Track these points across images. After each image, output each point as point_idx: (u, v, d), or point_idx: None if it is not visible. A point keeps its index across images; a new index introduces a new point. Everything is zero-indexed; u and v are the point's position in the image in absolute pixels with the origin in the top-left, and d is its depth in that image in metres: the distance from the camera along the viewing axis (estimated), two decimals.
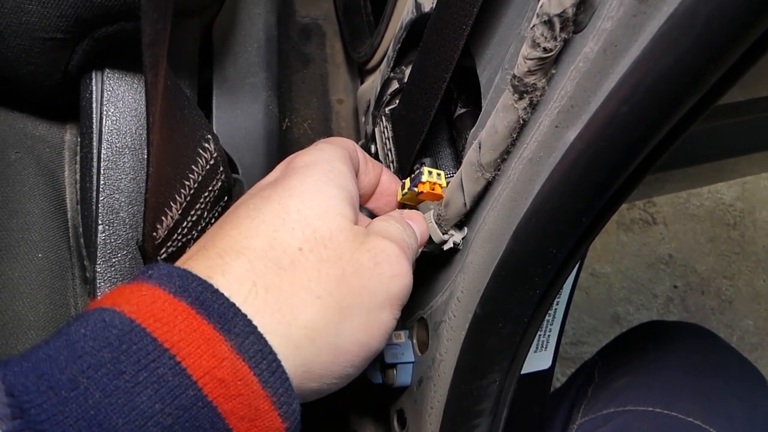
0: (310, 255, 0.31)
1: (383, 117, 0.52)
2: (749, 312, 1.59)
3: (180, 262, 0.30)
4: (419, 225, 0.40)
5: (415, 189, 0.39)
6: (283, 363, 0.28)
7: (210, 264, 0.29)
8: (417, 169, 0.41)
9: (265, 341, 0.27)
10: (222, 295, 0.28)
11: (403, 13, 0.51)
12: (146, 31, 0.26)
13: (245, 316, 0.27)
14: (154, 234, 0.32)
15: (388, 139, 0.51)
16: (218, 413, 0.26)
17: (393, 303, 0.33)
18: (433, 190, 0.39)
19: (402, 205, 0.43)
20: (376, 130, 0.53)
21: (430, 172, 0.39)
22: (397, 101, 0.51)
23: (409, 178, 0.40)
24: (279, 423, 0.27)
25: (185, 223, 0.34)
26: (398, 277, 0.33)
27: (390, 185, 0.43)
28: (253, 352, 0.27)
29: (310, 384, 0.30)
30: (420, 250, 0.40)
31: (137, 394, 0.24)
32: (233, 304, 0.27)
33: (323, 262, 0.31)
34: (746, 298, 1.60)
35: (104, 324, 0.26)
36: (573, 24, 0.29)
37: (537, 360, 0.51)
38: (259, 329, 0.28)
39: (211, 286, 0.28)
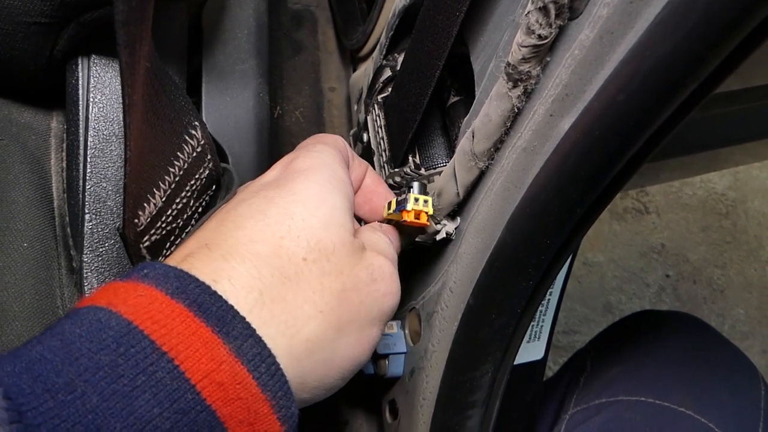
0: (314, 266, 0.31)
1: (375, 105, 0.51)
2: (740, 301, 1.59)
3: (179, 258, 0.30)
4: (396, 241, 0.41)
5: (399, 214, 0.39)
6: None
7: (215, 267, 0.29)
8: (404, 193, 0.41)
9: (264, 344, 0.27)
10: (220, 297, 0.27)
11: (396, 0, 0.51)
12: (119, 9, 0.25)
13: (243, 318, 0.27)
14: (136, 221, 0.31)
15: (381, 128, 0.50)
16: (217, 417, 0.26)
17: (382, 319, 0.34)
18: (418, 218, 0.38)
19: (387, 221, 0.43)
20: (369, 118, 0.52)
21: (416, 200, 0.38)
22: (390, 89, 0.51)
23: (395, 200, 0.40)
24: (278, 426, 0.27)
25: (170, 211, 0.33)
26: (391, 295, 0.34)
27: (371, 183, 0.43)
28: (252, 355, 0.27)
29: (303, 395, 0.31)
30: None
31: (135, 398, 0.24)
32: (231, 307, 0.27)
33: (325, 275, 0.31)
34: (737, 287, 1.61)
35: (100, 325, 0.25)
36: (568, 10, 0.28)
37: (530, 350, 0.51)
38: (264, 340, 0.28)
39: (209, 288, 0.27)
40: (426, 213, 0.39)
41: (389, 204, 0.40)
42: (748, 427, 0.57)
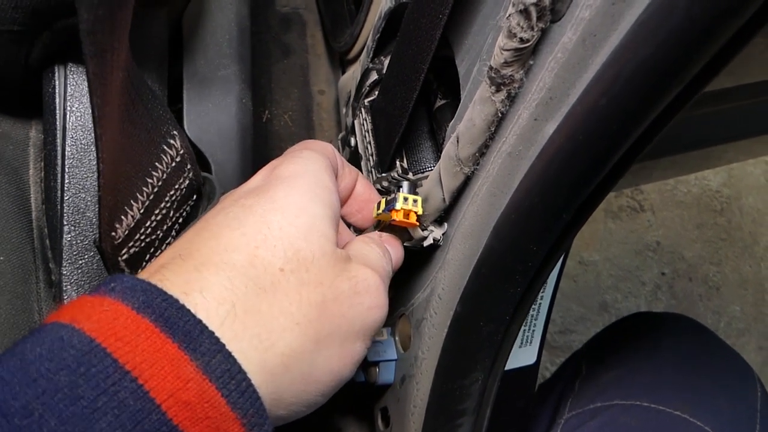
0: (291, 277, 0.30)
1: (362, 109, 0.50)
2: (736, 298, 1.59)
3: (152, 269, 0.29)
4: (396, 251, 0.39)
5: (389, 214, 0.38)
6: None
7: (187, 278, 0.28)
8: (394, 192, 0.40)
9: (234, 359, 0.26)
10: (188, 311, 0.26)
11: (382, 2, 0.50)
12: (83, 17, 0.24)
13: (212, 333, 0.26)
14: (113, 234, 0.30)
15: (368, 132, 0.49)
16: None
17: (367, 334, 0.33)
18: (407, 218, 0.38)
19: (377, 222, 0.42)
20: (356, 122, 0.52)
21: (405, 199, 0.38)
22: (377, 93, 0.50)
23: (384, 199, 0.39)
24: None
25: (149, 223, 0.32)
26: (377, 308, 0.33)
27: (364, 192, 0.42)
28: (221, 372, 0.26)
29: (279, 412, 0.29)
30: (392, 274, 0.39)
31: (96, 421, 0.23)
32: (199, 321, 0.26)
33: (304, 286, 0.30)
34: (733, 284, 1.60)
35: (62, 343, 0.24)
36: (550, 13, 0.27)
37: (521, 355, 0.50)
38: (235, 354, 0.26)
39: (176, 301, 0.26)
40: (415, 212, 0.38)
41: (378, 204, 0.40)
42: (745, 430, 0.57)
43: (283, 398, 0.29)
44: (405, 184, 0.40)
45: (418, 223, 0.39)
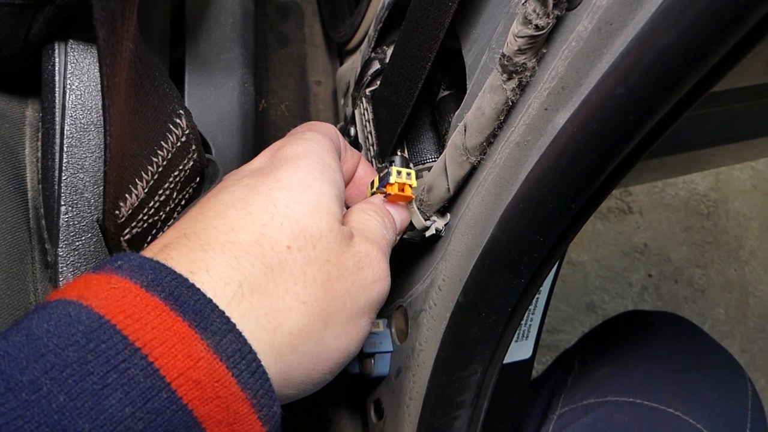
0: (298, 255, 0.30)
1: (364, 99, 0.50)
2: (720, 300, 1.61)
3: (155, 249, 0.28)
4: (400, 212, 0.39)
5: (384, 190, 0.38)
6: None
7: (192, 257, 0.28)
8: (386, 167, 0.40)
9: (245, 340, 0.26)
10: (198, 290, 0.26)
11: None
12: None
13: (223, 313, 0.26)
14: (117, 212, 0.29)
15: (369, 122, 0.49)
16: (194, 417, 0.24)
17: (372, 308, 0.33)
18: (402, 191, 0.37)
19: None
20: (356, 112, 0.51)
21: (399, 173, 0.37)
22: (378, 83, 0.50)
23: (377, 177, 0.39)
24: (258, 426, 0.26)
25: (152, 203, 0.32)
26: (379, 281, 0.33)
27: (365, 174, 0.42)
28: (231, 351, 0.25)
29: (288, 391, 0.29)
30: (398, 238, 0.39)
31: (105, 397, 0.23)
32: (210, 300, 0.26)
33: (310, 264, 0.30)
34: (718, 287, 1.62)
35: (69, 319, 0.24)
36: (567, 0, 0.27)
37: (518, 350, 0.50)
38: (244, 334, 0.26)
39: (186, 280, 0.26)
40: (410, 185, 0.38)
41: (372, 183, 0.39)
42: (736, 428, 0.57)
43: (293, 378, 0.29)
44: (396, 157, 0.40)
45: (413, 196, 0.38)
